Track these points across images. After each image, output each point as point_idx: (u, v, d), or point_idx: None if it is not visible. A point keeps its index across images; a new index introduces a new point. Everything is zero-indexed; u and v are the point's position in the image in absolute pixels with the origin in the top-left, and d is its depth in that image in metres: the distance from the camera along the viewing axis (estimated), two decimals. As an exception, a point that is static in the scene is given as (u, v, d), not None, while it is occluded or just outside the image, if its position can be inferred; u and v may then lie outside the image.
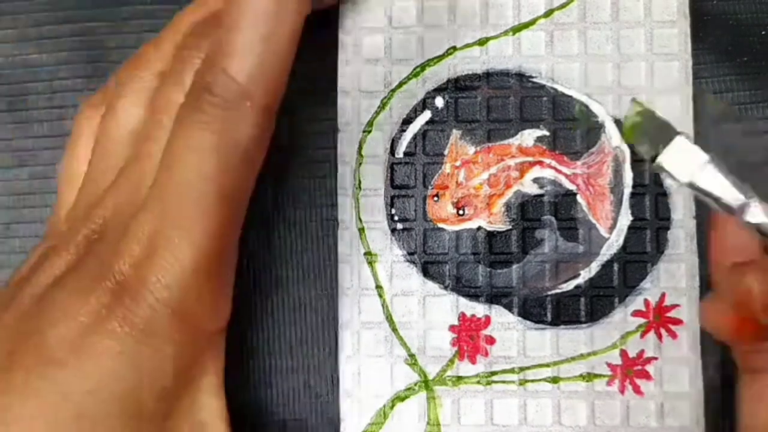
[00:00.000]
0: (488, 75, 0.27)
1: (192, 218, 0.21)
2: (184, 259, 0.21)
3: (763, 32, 0.28)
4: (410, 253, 0.27)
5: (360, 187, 0.27)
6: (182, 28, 0.25)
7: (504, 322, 0.27)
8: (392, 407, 0.26)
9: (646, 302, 0.26)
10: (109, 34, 0.29)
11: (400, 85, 0.27)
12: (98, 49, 0.29)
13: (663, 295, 0.26)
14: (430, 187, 0.27)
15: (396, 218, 0.27)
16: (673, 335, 0.26)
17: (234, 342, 0.27)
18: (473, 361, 0.27)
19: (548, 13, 0.27)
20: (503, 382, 0.26)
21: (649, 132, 0.21)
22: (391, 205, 0.27)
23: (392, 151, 0.27)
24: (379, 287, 0.27)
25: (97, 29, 0.29)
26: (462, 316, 0.27)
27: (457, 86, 0.27)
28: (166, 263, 0.21)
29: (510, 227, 0.27)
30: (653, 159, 0.21)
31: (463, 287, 0.27)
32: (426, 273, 0.27)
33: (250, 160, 0.23)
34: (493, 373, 0.26)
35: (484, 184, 0.27)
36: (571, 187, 0.27)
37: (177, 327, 0.22)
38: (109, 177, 0.24)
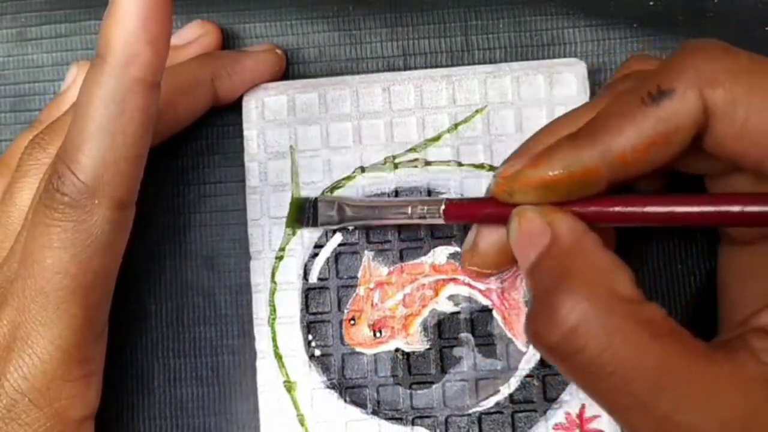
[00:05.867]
0: (397, 193, 0.27)
1: (49, 312, 0.22)
2: (43, 352, 0.22)
3: (766, 28, 0.28)
4: (330, 379, 0.27)
5: (275, 315, 0.27)
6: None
7: (428, 444, 0.27)
8: None
9: (567, 415, 0.26)
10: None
11: (310, 208, 0.27)
12: None
13: (583, 407, 0.26)
14: (345, 311, 0.27)
15: (313, 344, 0.27)
16: (596, 446, 0.26)
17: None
18: (399, 486, 0.26)
19: (453, 128, 0.27)
20: (430, 504, 0.26)
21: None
22: (308, 332, 0.27)
23: (306, 277, 0.27)
24: (300, 416, 0.27)
25: (97, 29, 0.29)
26: (385, 440, 0.27)
27: (366, 207, 0.27)
28: (24, 355, 0.22)
29: (428, 347, 0.27)
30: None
31: (384, 411, 0.27)
32: (347, 398, 0.27)
33: (108, 251, 0.23)
34: (420, 497, 0.26)
35: (399, 304, 0.27)
36: (486, 302, 0.27)
37: (38, 415, 0.23)
38: None
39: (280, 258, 0.27)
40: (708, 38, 0.21)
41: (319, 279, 0.27)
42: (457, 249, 0.27)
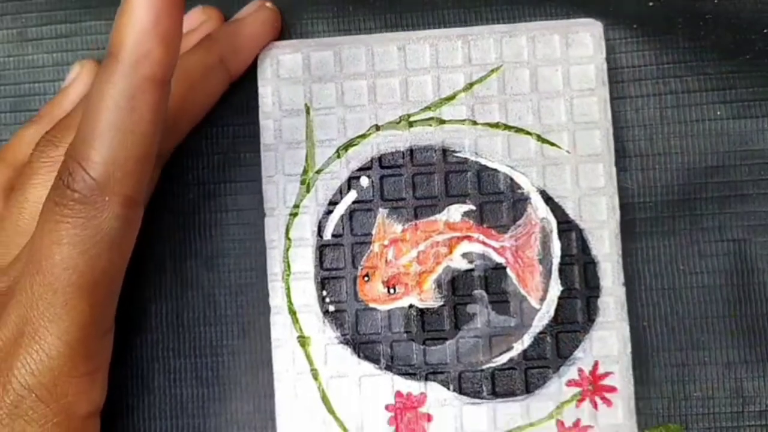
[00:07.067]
0: (412, 152, 0.27)
1: (57, 308, 0.22)
2: (50, 347, 0.22)
3: (765, 30, 0.28)
4: (344, 335, 0.27)
5: (290, 271, 0.27)
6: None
7: (440, 399, 0.27)
8: (334, 491, 0.27)
9: (580, 371, 0.26)
10: (110, 34, 0.29)
11: (325, 166, 0.27)
12: (98, 49, 0.30)
13: (596, 364, 0.26)
14: (359, 268, 0.27)
15: (327, 300, 0.27)
16: (608, 403, 0.26)
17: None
18: (411, 441, 0.27)
19: (468, 87, 0.27)
20: (442, 459, 0.27)
21: None
22: (322, 288, 0.27)
23: (320, 233, 0.27)
24: (314, 370, 0.27)
25: (97, 29, 0.30)
26: (398, 395, 0.27)
27: (381, 165, 0.27)
28: (32, 351, 0.22)
29: (441, 303, 0.27)
30: None
31: (397, 366, 0.27)
32: (360, 354, 0.27)
33: (116, 249, 0.23)
34: (432, 452, 0.27)
35: (413, 261, 0.27)
36: (500, 260, 0.27)
37: (45, 411, 0.23)
38: (7, 260, 0.25)
39: (294, 215, 0.27)
40: None
41: (334, 236, 0.27)
42: (472, 207, 0.27)
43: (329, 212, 0.27)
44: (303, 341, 0.27)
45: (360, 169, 0.27)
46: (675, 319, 0.27)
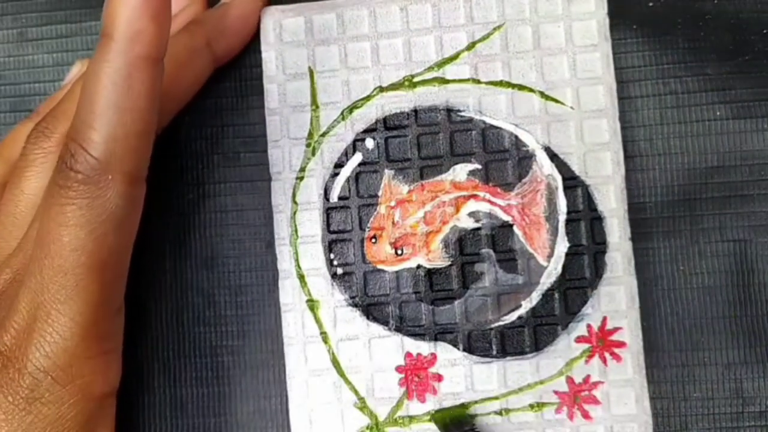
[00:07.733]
0: (416, 112, 0.27)
1: (68, 290, 0.22)
2: (64, 329, 0.22)
3: (765, 31, 0.28)
4: (352, 297, 0.27)
5: (297, 235, 0.27)
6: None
7: (450, 359, 0.27)
8: (346, 452, 0.27)
9: (589, 327, 0.26)
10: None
11: (330, 129, 0.27)
12: None
13: (604, 319, 0.26)
14: (366, 230, 0.27)
15: (335, 263, 0.27)
16: (617, 358, 0.26)
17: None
18: (422, 400, 0.27)
19: (471, 46, 0.27)
20: (454, 418, 0.27)
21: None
22: (330, 251, 0.27)
23: (326, 196, 0.27)
24: (323, 333, 0.27)
25: (97, 29, 0.30)
26: (408, 356, 0.27)
27: (386, 126, 0.27)
28: (46, 334, 0.22)
29: (449, 263, 0.27)
30: None
31: (407, 327, 0.27)
32: (369, 315, 0.27)
33: (122, 228, 0.23)
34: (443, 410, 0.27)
35: (420, 222, 0.27)
36: (507, 218, 0.27)
37: (61, 393, 0.23)
38: (6, 252, 0.25)
39: (300, 178, 0.27)
40: None
41: (340, 198, 0.27)
42: (477, 166, 0.27)
43: (335, 175, 0.27)
44: (312, 305, 0.27)
45: (365, 131, 0.27)
46: (675, 320, 0.27)
